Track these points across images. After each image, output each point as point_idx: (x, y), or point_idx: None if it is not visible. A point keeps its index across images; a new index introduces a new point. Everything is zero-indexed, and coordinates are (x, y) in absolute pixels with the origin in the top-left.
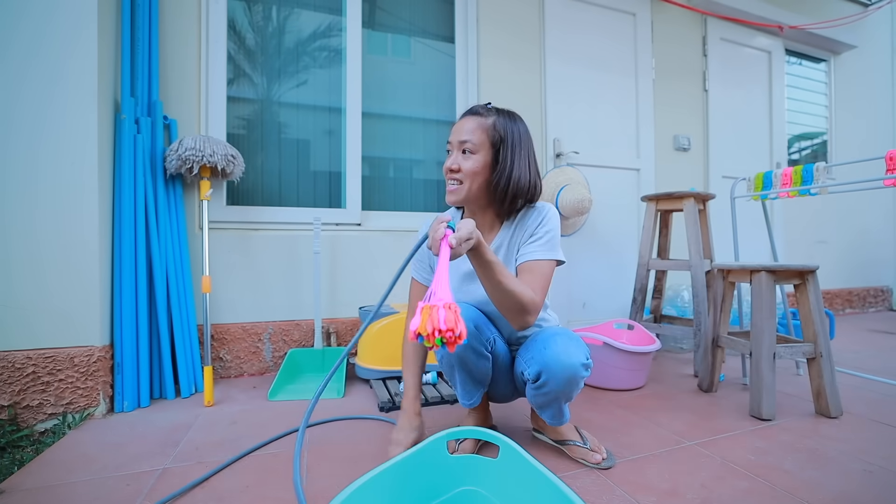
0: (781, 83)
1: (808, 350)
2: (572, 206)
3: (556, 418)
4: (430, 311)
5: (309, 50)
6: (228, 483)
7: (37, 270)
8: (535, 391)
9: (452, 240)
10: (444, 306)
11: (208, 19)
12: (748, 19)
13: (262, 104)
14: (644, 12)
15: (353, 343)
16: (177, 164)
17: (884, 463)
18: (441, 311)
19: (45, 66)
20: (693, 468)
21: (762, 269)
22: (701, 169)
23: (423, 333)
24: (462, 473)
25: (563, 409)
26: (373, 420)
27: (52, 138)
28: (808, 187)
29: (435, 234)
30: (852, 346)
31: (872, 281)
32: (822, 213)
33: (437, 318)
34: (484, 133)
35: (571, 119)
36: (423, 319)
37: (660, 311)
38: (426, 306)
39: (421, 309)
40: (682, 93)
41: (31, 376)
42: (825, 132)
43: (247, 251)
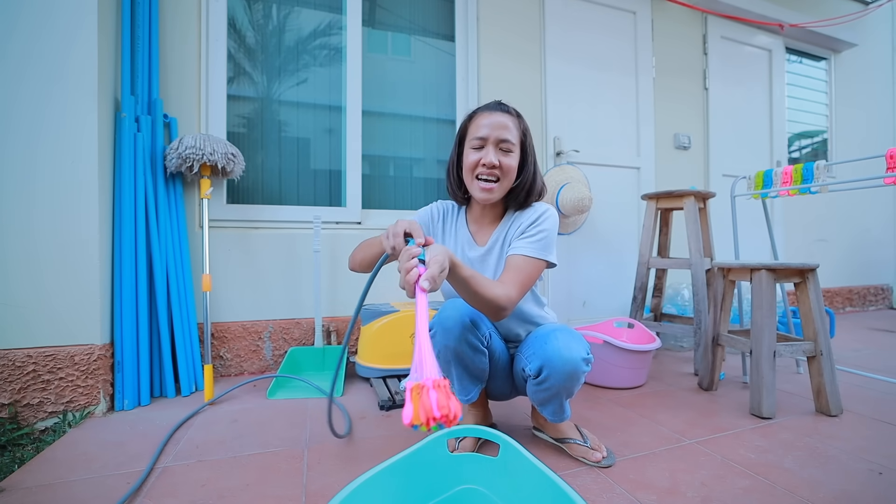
0: (782, 81)
1: (808, 348)
2: (572, 205)
3: (557, 415)
4: (419, 393)
5: (309, 48)
6: (229, 481)
7: (37, 269)
8: (536, 387)
9: (426, 283)
10: (434, 386)
11: (208, 17)
12: (748, 17)
13: (263, 102)
14: (644, 10)
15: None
16: (177, 163)
17: (884, 461)
18: (432, 393)
19: (45, 64)
20: (693, 466)
21: (762, 268)
22: (701, 167)
23: (417, 424)
24: (462, 472)
25: (564, 405)
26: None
27: (52, 136)
28: (808, 186)
29: (408, 278)
30: (852, 345)
31: (873, 279)
32: (823, 211)
33: (430, 404)
34: (518, 132)
35: (572, 117)
36: (415, 408)
37: (660, 310)
38: (415, 387)
39: (410, 391)
40: (682, 91)
41: (32, 374)
42: (825, 130)
43: (247, 250)
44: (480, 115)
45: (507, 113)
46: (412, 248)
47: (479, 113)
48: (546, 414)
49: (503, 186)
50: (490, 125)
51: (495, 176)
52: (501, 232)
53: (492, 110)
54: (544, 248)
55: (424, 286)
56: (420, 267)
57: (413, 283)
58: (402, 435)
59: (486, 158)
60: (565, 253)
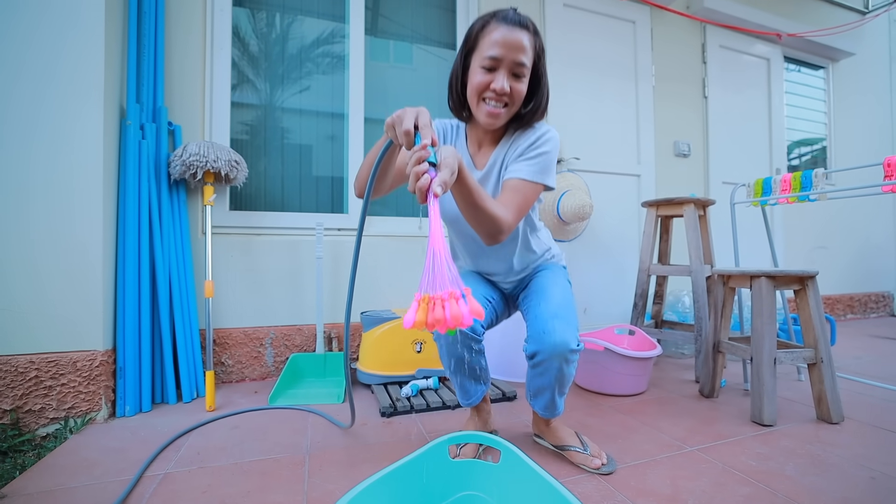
0: (780, 90)
1: (808, 355)
2: (573, 212)
3: (548, 410)
4: (429, 304)
5: (312, 56)
6: (230, 488)
7: (40, 275)
8: (531, 371)
9: (439, 188)
10: (450, 296)
11: (213, 26)
12: (747, 27)
13: (266, 110)
14: (644, 19)
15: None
16: (181, 170)
17: (885, 469)
18: (447, 307)
19: (54, 72)
20: (694, 474)
21: (762, 275)
22: (701, 175)
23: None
24: (463, 478)
25: (555, 400)
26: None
27: (57, 143)
28: (807, 193)
29: (419, 184)
30: (853, 352)
31: (874, 286)
32: (823, 218)
33: (443, 315)
34: (533, 53)
35: (572, 125)
36: (420, 315)
37: (661, 317)
38: (424, 299)
39: (418, 302)
40: (681, 99)
41: (34, 381)
42: (824, 138)
43: (249, 256)
44: (495, 29)
45: (525, 29)
46: (422, 150)
47: (493, 24)
48: (538, 408)
49: (510, 112)
50: (506, 45)
51: (504, 102)
52: (500, 153)
53: (510, 24)
54: (543, 170)
55: (437, 191)
56: (431, 171)
57: (425, 189)
58: (404, 441)
59: (497, 83)
60: (566, 260)
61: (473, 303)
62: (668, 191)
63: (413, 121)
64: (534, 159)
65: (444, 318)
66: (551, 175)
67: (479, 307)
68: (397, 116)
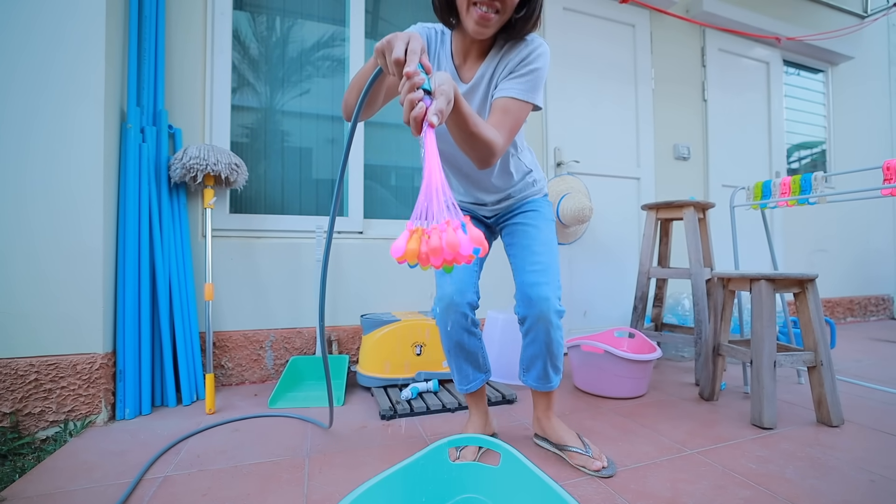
0: (780, 93)
1: (808, 358)
2: (573, 215)
3: (542, 380)
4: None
5: (312, 59)
6: (230, 490)
7: (40, 278)
8: (523, 339)
9: (434, 118)
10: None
11: (213, 30)
12: (746, 31)
13: (266, 113)
14: (643, 23)
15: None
16: (181, 173)
17: (885, 472)
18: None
19: (55, 75)
20: (694, 477)
21: (762, 278)
22: (701, 178)
23: (412, 261)
24: (463, 481)
25: (548, 370)
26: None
27: (59, 146)
28: (806, 196)
29: (414, 114)
30: (853, 355)
31: (873, 289)
32: (822, 221)
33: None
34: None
35: (572, 128)
36: (412, 244)
37: (660, 320)
38: (416, 231)
39: (410, 232)
40: (681, 102)
41: (34, 383)
42: (824, 141)
43: (249, 259)
44: None
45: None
46: (415, 77)
47: None
48: (531, 381)
49: (502, 20)
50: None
51: (496, 8)
52: (489, 67)
53: None
54: (533, 88)
55: (433, 121)
56: (426, 99)
57: (420, 119)
58: (404, 444)
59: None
60: (566, 262)
61: (473, 230)
62: (667, 194)
63: (404, 48)
64: (525, 76)
65: (440, 247)
66: (541, 93)
67: (479, 234)
68: (387, 42)
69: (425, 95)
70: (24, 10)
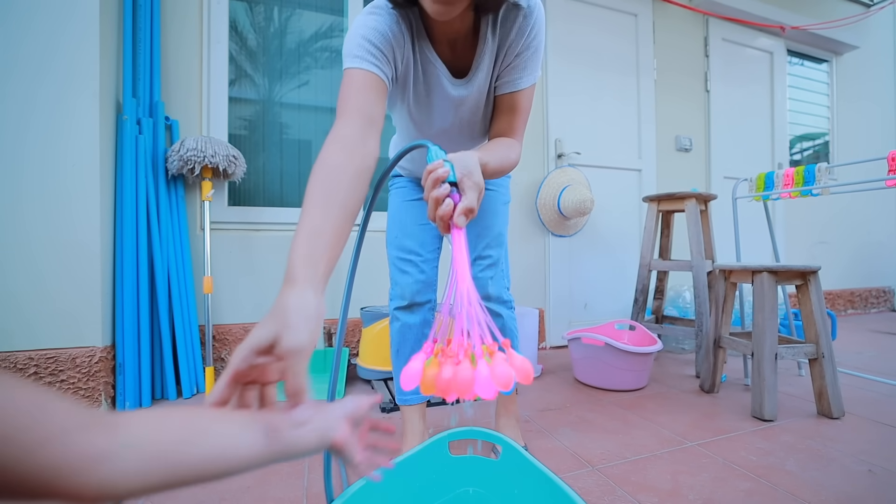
0: (783, 83)
1: (809, 351)
2: (574, 207)
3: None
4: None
5: (310, 51)
6: (230, 483)
7: (38, 271)
8: None
9: (461, 218)
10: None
11: (210, 20)
12: (750, 20)
13: (264, 105)
14: (646, 12)
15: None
16: (178, 165)
17: (886, 464)
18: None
19: (49, 67)
20: (695, 469)
21: (764, 270)
22: (703, 169)
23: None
24: (463, 474)
25: None
26: None
27: (53, 138)
28: (809, 188)
29: (440, 213)
30: (854, 347)
31: (874, 282)
32: (824, 213)
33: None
34: None
35: (573, 120)
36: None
37: (661, 312)
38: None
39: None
40: (683, 93)
41: (33, 377)
42: (827, 133)
43: (248, 252)
44: None
45: None
46: (438, 170)
47: None
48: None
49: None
50: None
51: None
52: (488, 58)
53: None
54: (537, 64)
55: (459, 223)
56: (452, 193)
57: (447, 218)
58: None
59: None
60: (567, 255)
61: (519, 360)
62: (669, 185)
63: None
64: (533, 56)
65: (469, 380)
66: (540, 61)
67: (528, 366)
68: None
69: (452, 189)
70: (20, 1)
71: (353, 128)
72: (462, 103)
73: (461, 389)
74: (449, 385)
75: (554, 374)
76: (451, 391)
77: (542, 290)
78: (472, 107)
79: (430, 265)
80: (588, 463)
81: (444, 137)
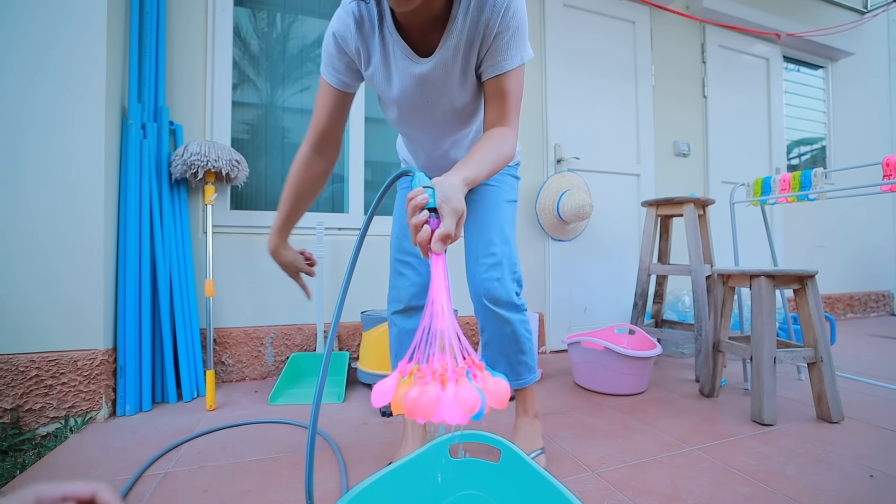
0: (780, 89)
1: (808, 355)
2: (573, 212)
3: (511, 378)
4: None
5: (313, 56)
6: (231, 487)
7: (41, 273)
8: (480, 332)
9: (438, 245)
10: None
11: (214, 26)
12: (746, 27)
13: (267, 109)
14: (643, 19)
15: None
16: (182, 169)
17: (885, 468)
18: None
19: (55, 72)
20: (694, 473)
21: (762, 274)
22: (701, 174)
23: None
24: (464, 477)
25: (513, 364)
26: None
27: (60, 141)
28: (806, 193)
29: (419, 239)
30: (853, 351)
31: (873, 286)
32: (822, 217)
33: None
34: None
35: (572, 125)
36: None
37: (661, 316)
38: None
39: (403, 373)
40: (681, 99)
41: (35, 380)
42: (823, 138)
43: (250, 255)
44: None
45: None
46: (417, 197)
47: None
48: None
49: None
50: None
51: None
52: (458, 38)
53: None
54: (522, 43)
55: (435, 249)
56: (431, 220)
57: (426, 244)
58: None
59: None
60: (566, 259)
61: (492, 382)
62: (667, 190)
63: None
64: (514, 37)
65: (435, 401)
66: (527, 40)
67: (502, 388)
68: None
69: (431, 215)
70: (25, 4)
71: (308, 146)
72: (426, 81)
73: (425, 412)
74: (414, 406)
75: (554, 378)
76: (416, 413)
77: (541, 295)
78: (438, 86)
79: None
80: (588, 467)
81: (425, 125)
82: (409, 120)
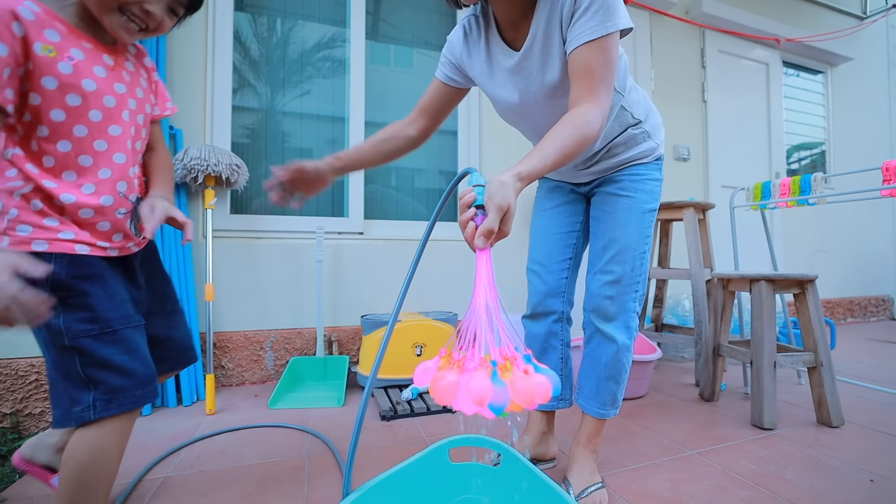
0: (779, 94)
1: (808, 359)
2: None
3: (593, 404)
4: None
5: (313, 60)
6: (230, 491)
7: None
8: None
9: (480, 241)
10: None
11: (214, 31)
12: (745, 32)
13: (267, 114)
14: (643, 24)
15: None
16: (182, 174)
17: (885, 472)
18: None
19: None
20: (695, 477)
21: (762, 279)
22: (700, 178)
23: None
24: (463, 481)
25: (600, 389)
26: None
27: None
28: (806, 197)
29: (465, 235)
30: (853, 356)
31: (874, 290)
32: (822, 222)
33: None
34: None
35: None
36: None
37: (661, 320)
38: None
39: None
40: (681, 103)
41: (34, 384)
42: (823, 142)
43: (250, 259)
44: None
45: None
46: (467, 195)
47: None
48: (581, 399)
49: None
50: None
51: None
52: (539, 22)
53: None
54: (607, 13)
55: (479, 244)
56: (478, 216)
57: (471, 240)
58: (404, 444)
59: None
60: None
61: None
62: (667, 194)
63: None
64: (592, 7)
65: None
66: (622, 11)
67: (537, 390)
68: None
69: (478, 212)
70: None
71: (407, 118)
72: (518, 71)
73: (443, 397)
74: (434, 389)
75: None
76: (437, 396)
77: None
78: (534, 75)
79: (555, 276)
80: None
81: (527, 118)
82: (512, 117)
